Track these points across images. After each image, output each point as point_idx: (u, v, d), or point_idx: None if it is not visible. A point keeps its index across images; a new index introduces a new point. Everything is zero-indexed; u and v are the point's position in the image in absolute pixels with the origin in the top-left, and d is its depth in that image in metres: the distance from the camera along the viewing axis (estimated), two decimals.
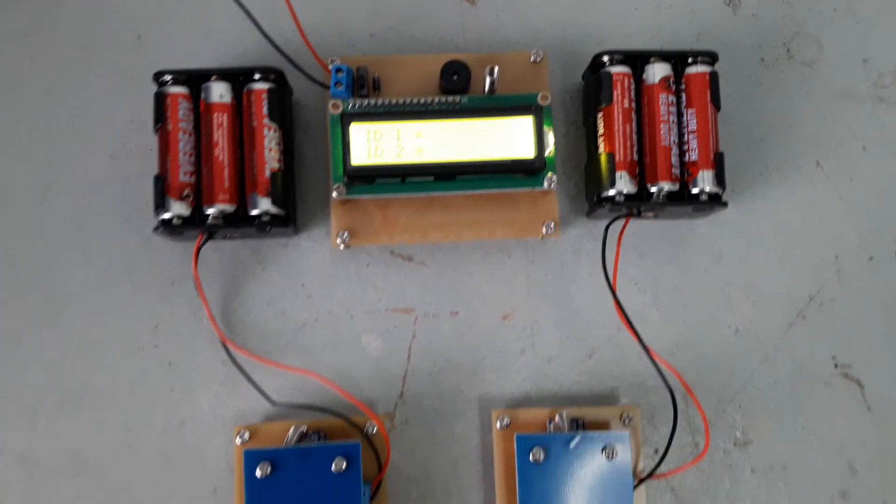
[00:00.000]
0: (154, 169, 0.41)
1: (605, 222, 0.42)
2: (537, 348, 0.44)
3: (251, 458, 0.39)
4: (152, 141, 0.43)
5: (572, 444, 0.39)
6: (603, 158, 0.41)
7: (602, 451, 0.39)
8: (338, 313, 0.44)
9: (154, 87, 0.41)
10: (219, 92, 0.40)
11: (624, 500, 0.39)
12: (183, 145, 0.40)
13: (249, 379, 0.42)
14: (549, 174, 0.40)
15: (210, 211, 0.40)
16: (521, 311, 0.44)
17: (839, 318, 0.45)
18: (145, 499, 0.42)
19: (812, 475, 0.44)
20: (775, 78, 0.46)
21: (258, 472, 0.38)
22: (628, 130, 0.41)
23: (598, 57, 0.41)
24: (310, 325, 0.44)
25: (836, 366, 0.45)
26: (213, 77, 0.40)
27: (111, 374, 0.43)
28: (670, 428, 0.42)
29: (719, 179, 0.41)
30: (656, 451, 0.43)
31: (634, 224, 0.44)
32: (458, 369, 0.44)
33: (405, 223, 0.42)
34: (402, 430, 0.43)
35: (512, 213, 0.43)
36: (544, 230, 0.42)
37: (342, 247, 0.42)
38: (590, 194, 0.43)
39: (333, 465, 0.38)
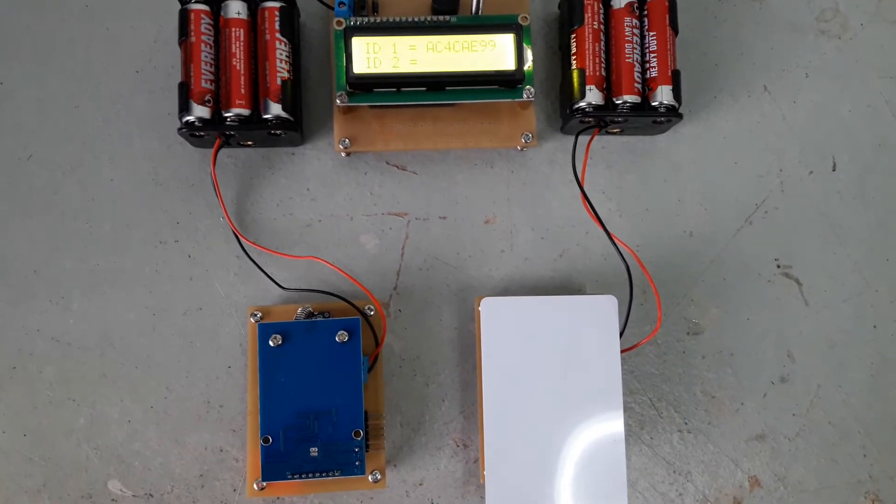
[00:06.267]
0: (175, 84, 0.44)
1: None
2: (515, 249, 0.49)
3: (265, 331, 0.43)
4: (174, 59, 0.47)
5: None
6: (575, 74, 0.45)
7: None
8: (339, 215, 0.48)
9: (177, 6, 0.44)
10: (236, 9, 0.44)
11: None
12: (204, 56, 0.43)
13: (261, 268, 0.46)
14: (528, 87, 0.44)
15: (228, 114, 0.44)
16: (501, 215, 0.49)
17: (782, 225, 0.49)
18: (165, 376, 0.47)
19: (755, 361, 0.49)
20: (729, 11, 0.50)
21: (271, 343, 0.43)
22: (597, 49, 0.45)
23: None
24: (314, 224, 0.48)
25: (778, 266, 0.49)
26: None
27: (137, 264, 0.47)
28: (626, 308, 0.46)
29: (676, 94, 0.45)
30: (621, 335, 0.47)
31: (602, 139, 0.49)
32: (445, 266, 0.48)
33: (399, 132, 0.47)
34: (395, 317, 0.48)
35: (494, 125, 0.47)
36: (523, 140, 0.47)
37: (343, 153, 0.47)
38: (563, 108, 0.47)
39: (337, 337, 0.43)
